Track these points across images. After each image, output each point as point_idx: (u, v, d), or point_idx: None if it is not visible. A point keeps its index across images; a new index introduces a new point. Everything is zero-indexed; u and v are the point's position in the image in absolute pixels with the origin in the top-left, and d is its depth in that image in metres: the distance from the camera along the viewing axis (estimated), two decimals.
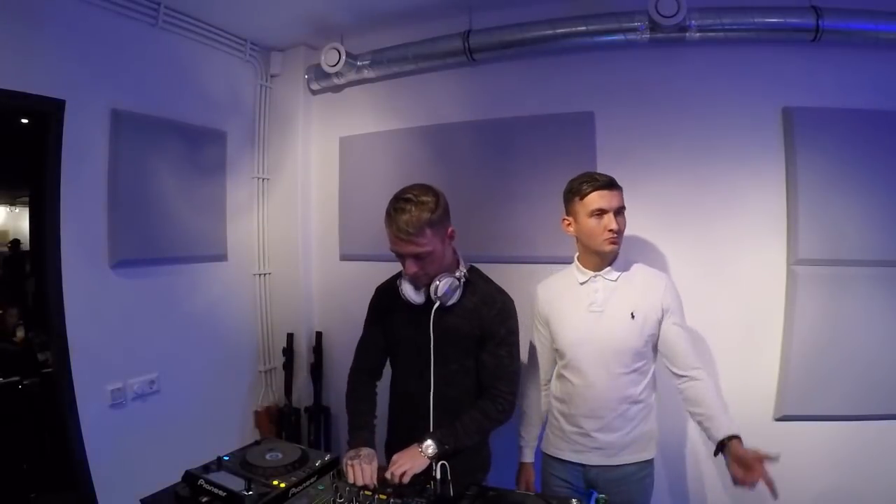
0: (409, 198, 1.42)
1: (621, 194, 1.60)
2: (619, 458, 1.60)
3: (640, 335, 1.56)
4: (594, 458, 1.62)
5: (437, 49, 2.45)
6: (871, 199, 1.95)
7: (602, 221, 1.57)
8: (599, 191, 1.57)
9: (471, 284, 1.56)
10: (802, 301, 1.99)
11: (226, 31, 2.68)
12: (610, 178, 1.60)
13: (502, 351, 1.54)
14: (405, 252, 1.44)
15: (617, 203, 1.58)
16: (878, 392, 1.94)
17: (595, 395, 1.60)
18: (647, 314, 1.57)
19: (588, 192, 1.58)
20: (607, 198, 1.56)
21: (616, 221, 1.56)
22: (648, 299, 1.59)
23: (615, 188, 1.59)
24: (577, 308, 1.64)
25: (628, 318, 1.57)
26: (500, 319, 1.54)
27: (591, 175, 1.62)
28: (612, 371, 1.57)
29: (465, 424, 1.48)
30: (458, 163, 2.50)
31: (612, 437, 1.59)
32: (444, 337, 1.54)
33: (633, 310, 1.57)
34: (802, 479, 2.02)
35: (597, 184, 1.57)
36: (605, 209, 1.56)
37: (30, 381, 2.81)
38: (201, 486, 1.28)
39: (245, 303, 2.90)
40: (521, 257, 2.37)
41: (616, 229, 1.56)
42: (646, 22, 2.05)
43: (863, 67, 1.97)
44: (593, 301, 1.62)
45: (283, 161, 2.94)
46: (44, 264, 2.02)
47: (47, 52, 1.97)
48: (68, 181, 2.04)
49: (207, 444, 1.70)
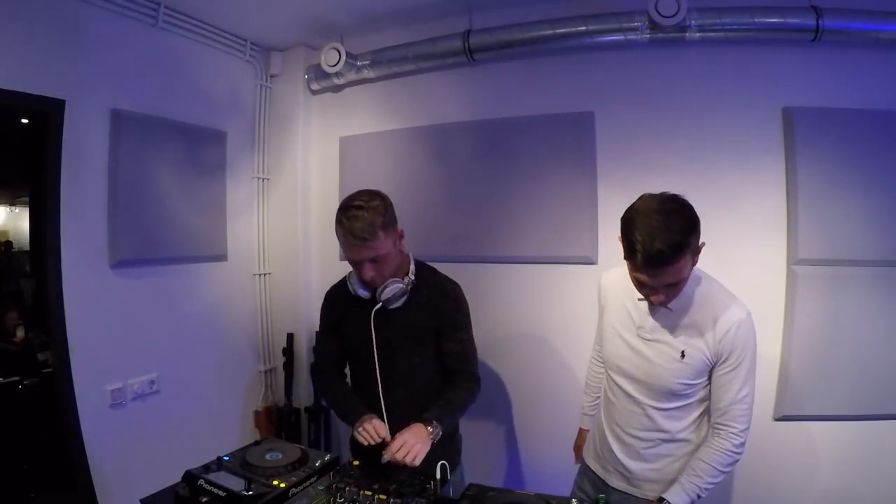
0: (359, 204, 1.43)
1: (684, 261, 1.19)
2: (644, 490, 1.43)
3: (685, 378, 1.32)
4: (616, 481, 1.49)
5: (437, 49, 2.45)
6: (871, 199, 1.95)
7: (644, 289, 1.29)
8: (644, 270, 1.21)
9: (420, 279, 1.59)
10: (802, 301, 1.99)
11: (226, 31, 2.68)
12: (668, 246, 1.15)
13: (464, 335, 1.61)
14: (362, 257, 1.45)
15: (665, 282, 1.22)
16: (877, 392, 1.94)
17: (626, 421, 1.44)
18: (699, 357, 1.30)
19: (633, 264, 1.23)
20: (650, 277, 1.22)
21: (663, 294, 1.25)
22: (706, 341, 1.30)
23: (665, 265, 1.17)
24: (627, 324, 1.43)
25: (676, 357, 1.32)
26: (455, 306, 1.61)
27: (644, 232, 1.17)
28: (647, 403, 1.38)
29: (454, 404, 1.53)
30: (457, 163, 2.50)
31: (637, 465, 1.43)
32: (401, 333, 1.57)
33: (686, 348, 1.31)
34: (802, 478, 2.03)
35: (641, 259, 1.18)
36: (648, 285, 1.26)
37: (30, 381, 2.80)
38: (201, 486, 1.28)
39: (245, 303, 2.91)
40: (520, 257, 2.38)
41: (660, 302, 1.27)
42: (646, 22, 2.05)
43: (863, 67, 1.97)
44: (642, 325, 1.39)
45: (283, 161, 2.94)
46: (44, 264, 2.02)
47: (47, 52, 1.97)
48: (68, 181, 2.04)
49: (207, 444, 1.70)
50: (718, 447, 1.29)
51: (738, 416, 1.28)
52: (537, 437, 2.41)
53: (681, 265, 1.19)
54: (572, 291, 2.31)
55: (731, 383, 1.29)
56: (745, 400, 1.29)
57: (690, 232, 1.19)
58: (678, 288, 1.27)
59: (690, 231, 1.19)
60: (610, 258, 2.22)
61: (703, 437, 1.40)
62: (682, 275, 1.23)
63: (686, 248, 1.18)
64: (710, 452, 1.30)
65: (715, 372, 1.31)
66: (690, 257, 1.22)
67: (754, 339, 1.30)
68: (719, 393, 1.31)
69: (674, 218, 1.18)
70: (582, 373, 1.85)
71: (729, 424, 1.29)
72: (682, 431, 1.39)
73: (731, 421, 1.29)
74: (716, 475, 1.28)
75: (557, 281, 2.35)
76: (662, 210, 1.20)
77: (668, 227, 1.16)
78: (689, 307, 1.33)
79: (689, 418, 1.39)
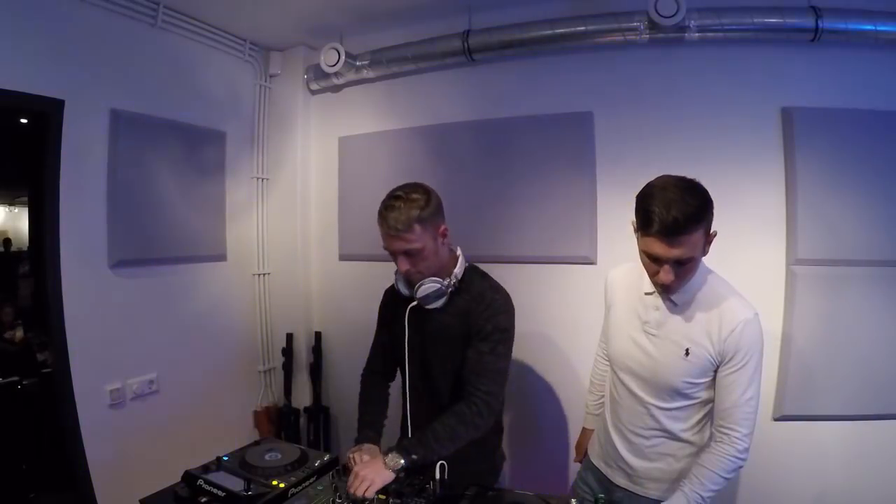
0: (399, 195, 1.43)
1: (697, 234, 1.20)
2: (646, 489, 1.43)
3: (688, 377, 1.31)
4: (619, 477, 1.49)
5: (436, 49, 2.45)
6: (870, 199, 1.95)
7: (653, 267, 1.28)
8: (658, 237, 1.21)
9: (465, 283, 1.54)
10: (801, 301, 1.99)
11: (225, 31, 2.68)
12: (682, 216, 1.17)
13: (485, 346, 1.47)
14: (395, 249, 1.44)
15: (678, 255, 1.21)
16: (876, 392, 1.94)
17: (629, 418, 1.45)
18: (703, 356, 1.30)
19: (647, 233, 1.23)
20: (664, 248, 1.21)
21: (672, 273, 1.24)
22: (711, 339, 1.29)
23: (682, 234, 1.18)
24: (633, 320, 1.43)
25: (681, 355, 1.31)
26: (487, 315, 1.48)
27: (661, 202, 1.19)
28: (650, 401, 1.39)
29: (437, 432, 1.38)
30: (457, 163, 2.50)
31: (641, 463, 1.43)
32: (438, 336, 1.54)
33: (690, 346, 1.30)
34: (801, 478, 2.03)
35: (654, 227, 1.20)
36: (660, 258, 1.24)
37: (29, 381, 2.81)
38: (200, 486, 1.28)
39: (244, 303, 2.90)
40: (519, 257, 2.38)
41: (665, 283, 1.26)
42: (645, 22, 2.05)
43: (862, 67, 1.97)
44: (648, 320, 1.39)
45: (282, 161, 2.94)
46: (43, 264, 2.02)
47: (46, 52, 1.97)
48: (67, 181, 2.04)
49: (206, 444, 1.70)
50: (721, 452, 1.27)
51: (741, 420, 1.26)
52: (537, 436, 2.41)
53: (694, 239, 1.20)
54: (571, 291, 2.31)
55: (736, 384, 1.27)
56: (749, 403, 1.26)
57: (706, 209, 1.21)
58: (687, 270, 1.26)
59: (706, 208, 1.21)
60: (609, 258, 2.22)
61: (706, 439, 1.38)
62: (694, 252, 1.22)
63: (701, 221, 1.20)
64: (712, 458, 1.28)
65: (719, 372, 1.30)
66: (703, 236, 1.23)
67: (761, 341, 1.28)
68: (723, 394, 1.29)
69: (691, 192, 1.21)
70: (582, 372, 1.86)
71: (732, 428, 1.27)
72: (686, 432, 1.38)
73: (735, 424, 1.26)
74: (718, 482, 1.26)
75: (556, 281, 2.35)
76: (680, 185, 1.22)
77: (684, 200, 1.18)
78: (694, 304, 1.32)
79: (693, 419, 1.38)
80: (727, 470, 1.26)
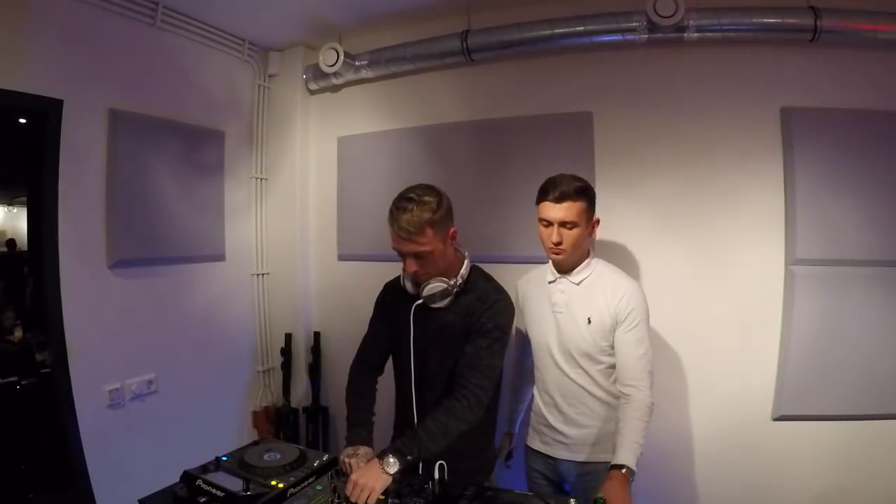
0: (411, 197, 1.43)
1: (578, 206, 1.56)
2: (586, 455, 1.64)
3: (594, 340, 1.59)
4: (561, 451, 1.68)
5: (435, 49, 2.45)
6: (869, 200, 1.95)
7: (547, 231, 1.59)
8: (547, 202, 1.57)
9: (470, 284, 1.56)
10: (800, 301, 1.99)
11: (224, 31, 2.68)
12: (568, 189, 1.55)
13: (483, 342, 1.49)
14: (405, 250, 1.45)
15: (562, 216, 1.55)
16: (875, 392, 1.95)
17: (556, 391, 1.68)
18: (602, 321, 1.58)
19: (541, 200, 1.60)
20: (553, 210, 1.56)
21: (559, 233, 1.56)
22: (607, 306, 1.58)
23: (567, 200, 1.54)
24: (543, 307, 1.70)
25: (585, 323, 1.60)
26: (490, 314, 1.51)
27: (554, 182, 1.58)
28: (571, 370, 1.64)
29: (428, 429, 1.40)
30: (456, 163, 2.50)
31: (575, 431, 1.65)
32: (439, 334, 1.55)
33: (591, 315, 1.60)
34: (800, 478, 2.03)
35: (549, 195, 1.56)
36: (550, 221, 1.57)
37: (28, 381, 2.80)
38: (199, 486, 1.28)
39: (243, 303, 2.90)
40: (518, 257, 2.37)
41: (556, 242, 1.57)
42: (644, 22, 2.05)
43: (861, 68, 1.97)
44: (556, 302, 1.67)
45: (281, 161, 2.94)
46: (42, 264, 2.02)
47: (45, 52, 1.97)
48: (66, 181, 2.04)
49: (205, 444, 1.70)
50: (634, 405, 1.47)
51: (639, 373, 1.51)
52: None
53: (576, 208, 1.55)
54: None
55: (629, 343, 1.54)
56: (643, 358, 1.53)
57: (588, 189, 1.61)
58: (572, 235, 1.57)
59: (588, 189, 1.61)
60: (608, 258, 2.21)
61: None
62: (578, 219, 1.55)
63: (581, 195, 1.57)
64: (630, 411, 1.47)
65: (616, 335, 1.57)
66: (585, 211, 1.58)
67: (645, 304, 1.60)
68: (621, 356, 1.55)
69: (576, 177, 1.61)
70: None
71: (632, 383, 1.50)
72: (604, 394, 1.63)
73: (634, 379, 1.50)
74: (643, 428, 1.45)
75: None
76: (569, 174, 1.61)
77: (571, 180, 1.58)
78: (590, 280, 1.64)
79: (607, 382, 1.62)
80: (647, 415, 1.47)
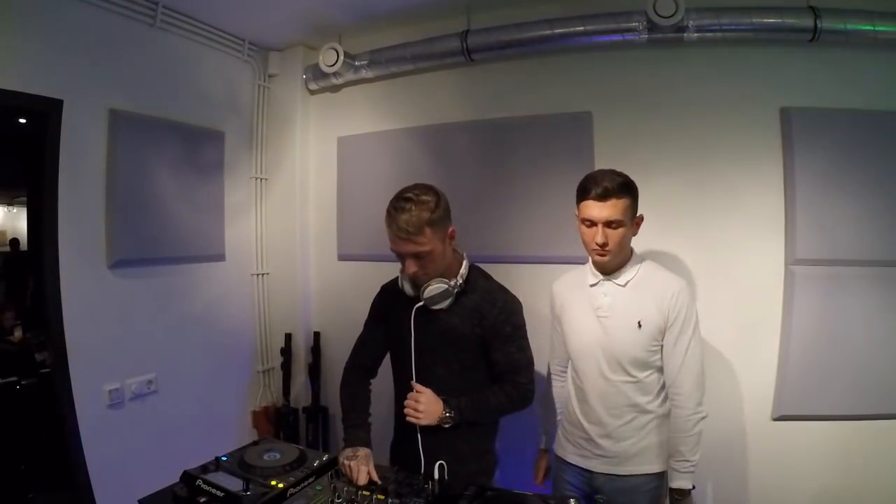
0: (409, 197, 1.41)
1: (623, 203, 1.46)
2: (625, 468, 1.55)
3: (645, 345, 1.50)
4: (598, 465, 1.59)
5: (435, 49, 2.45)
6: (868, 200, 1.95)
7: (591, 232, 1.51)
8: (590, 201, 1.48)
9: (470, 284, 1.54)
10: (800, 301, 2.00)
11: (224, 31, 2.68)
12: (611, 185, 1.45)
13: (511, 347, 1.52)
14: (404, 251, 1.43)
15: (607, 215, 1.46)
16: (875, 392, 1.95)
17: (599, 402, 1.57)
18: (655, 322, 1.50)
19: (582, 199, 1.52)
20: (597, 209, 1.47)
21: (604, 234, 1.47)
22: (657, 307, 1.50)
23: (611, 197, 1.45)
24: (586, 311, 1.60)
25: (635, 327, 1.50)
26: (503, 317, 1.51)
27: (595, 178, 1.49)
28: (617, 379, 1.53)
29: (489, 403, 1.50)
30: (456, 163, 2.51)
31: (616, 445, 1.55)
32: (444, 337, 1.52)
33: (641, 318, 1.50)
34: (800, 478, 2.03)
35: (590, 193, 1.47)
36: (594, 220, 1.49)
37: (28, 381, 2.81)
38: (199, 486, 1.28)
39: (243, 303, 2.90)
40: (518, 257, 2.38)
41: (602, 243, 1.48)
42: (644, 22, 2.05)
43: (861, 68, 1.97)
44: (600, 306, 1.57)
45: (281, 161, 2.94)
46: (42, 264, 2.02)
47: (45, 52, 1.97)
48: (66, 181, 2.04)
49: (205, 444, 1.70)
50: (681, 417, 1.47)
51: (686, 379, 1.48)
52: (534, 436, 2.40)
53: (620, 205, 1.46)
54: None
55: (678, 347, 1.49)
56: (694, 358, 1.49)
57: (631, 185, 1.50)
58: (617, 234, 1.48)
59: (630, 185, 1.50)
60: None
61: (667, 410, 1.55)
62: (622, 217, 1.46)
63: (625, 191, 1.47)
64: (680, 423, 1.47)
65: (666, 338, 1.50)
66: (629, 208, 1.48)
67: (694, 306, 1.53)
68: (669, 360, 1.50)
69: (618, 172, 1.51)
70: None
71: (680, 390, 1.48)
72: (650, 403, 1.54)
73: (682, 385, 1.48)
74: (695, 444, 1.46)
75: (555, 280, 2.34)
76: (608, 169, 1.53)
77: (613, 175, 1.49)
78: (636, 282, 1.55)
79: (654, 391, 1.55)
80: (693, 429, 1.46)
